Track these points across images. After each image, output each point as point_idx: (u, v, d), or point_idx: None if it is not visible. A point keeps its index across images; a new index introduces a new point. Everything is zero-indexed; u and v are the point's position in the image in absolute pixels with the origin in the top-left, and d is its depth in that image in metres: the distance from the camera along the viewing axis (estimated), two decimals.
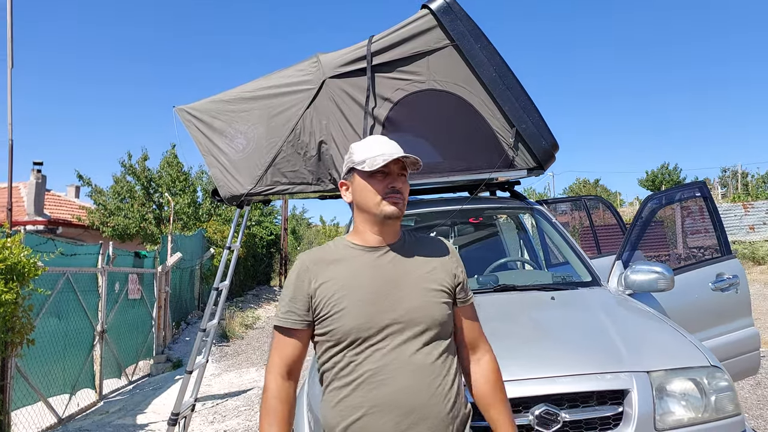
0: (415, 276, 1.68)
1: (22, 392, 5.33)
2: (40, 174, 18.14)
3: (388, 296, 1.62)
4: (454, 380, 1.65)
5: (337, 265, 1.69)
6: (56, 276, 6.05)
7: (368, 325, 1.59)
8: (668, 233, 14.69)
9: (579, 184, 47.24)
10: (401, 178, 1.71)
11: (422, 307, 1.63)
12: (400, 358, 1.58)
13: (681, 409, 2.26)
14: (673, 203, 4.29)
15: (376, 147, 1.73)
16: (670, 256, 13.87)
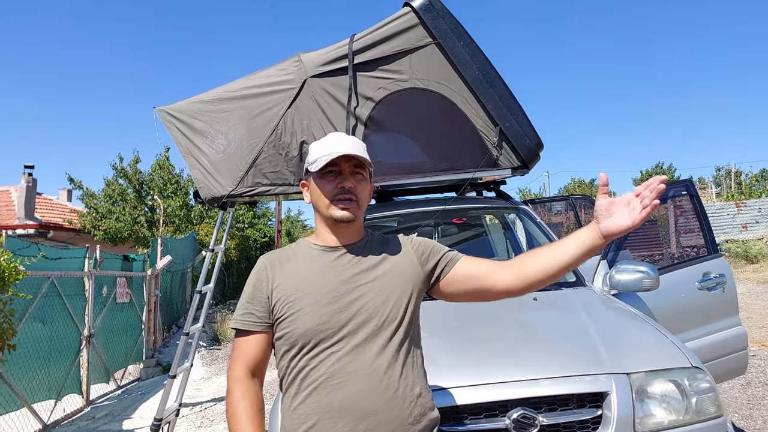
0: (373, 276, 1.61)
1: (5, 398, 5.26)
2: (31, 177, 18.00)
3: (344, 297, 1.57)
4: (415, 382, 1.57)
5: (296, 266, 1.66)
6: (40, 280, 5.98)
7: (323, 327, 1.54)
8: (662, 232, 14.70)
9: (574, 183, 47.28)
10: (354, 177, 1.63)
11: (379, 308, 1.56)
12: (356, 361, 1.52)
13: (661, 411, 2.22)
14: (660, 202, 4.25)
15: (329, 145, 1.64)
16: (663, 255, 13.86)
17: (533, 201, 5.05)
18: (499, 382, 2.18)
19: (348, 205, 1.61)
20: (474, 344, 2.48)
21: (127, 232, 16.65)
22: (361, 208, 1.65)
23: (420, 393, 1.58)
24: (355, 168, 1.64)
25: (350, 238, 1.68)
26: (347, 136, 1.72)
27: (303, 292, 1.59)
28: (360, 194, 1.64)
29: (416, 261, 1.68)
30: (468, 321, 2.79)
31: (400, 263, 1.66)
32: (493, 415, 2.14)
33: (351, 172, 1.63)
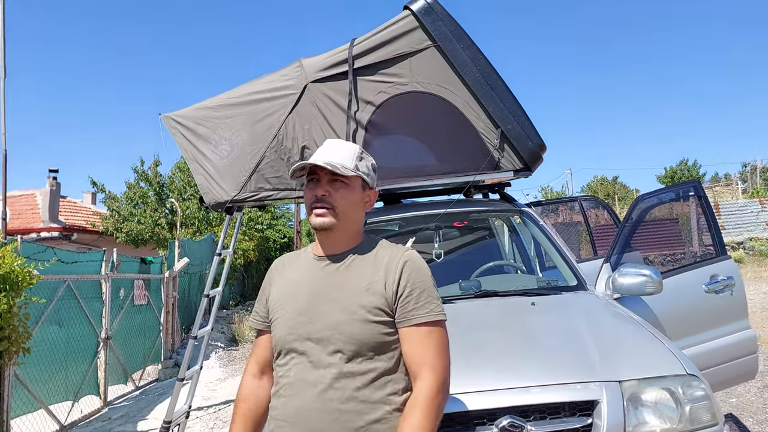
0: (349, 290, 1.57)
1: (22, 400, 5.37)
2: (55, 181, 18.36)
3: (313, 309, 1.57)
4: (375, 407, 1.50)
5: (291, 272, 1.71)
6: (56, 284, 6.09)
7: (292, 337, 1.58)
8: (684, 231, 14.40)
9: (597, 181, 46.79)
10: (332, 185, 1.61)
11: (342, 324, 1.52)
12: (312, 375, 1.52)
13: (654, 420, 2.18)
14: (665, 203, 4.18)
15: (318, 153, 1.68)
16: (685, 254, 13.58)
17: (539, 203, 4.99)
18: (487, 390, 2.16)
19: (322, 212, 1.60)
20: (466, 352, 2.46)
21: (149, 234, 16.91)
22: (339, 215, 1.61)
23: (380, 419, 1.49)
24: (334, 176, 1.62)
25: (335, 248, 1.66)
26: (336, 144, 1.71)
27: (286, 299, 1.64)
28: (337, 202, 1.61)
29: (392, 289, 1.56)
30: (463, 328, 2.76)
31: (380, 282, 1.57)
32: (481, 423, 2.12)
33: (328, 180, 1.62)
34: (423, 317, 1.55)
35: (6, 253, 4.33)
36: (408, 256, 1.62)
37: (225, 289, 15.05)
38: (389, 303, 1.55)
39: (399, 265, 1.59)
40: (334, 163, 1.60)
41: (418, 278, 1.58)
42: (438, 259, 3.73)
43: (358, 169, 1.65)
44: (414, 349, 1.53)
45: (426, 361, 1.52)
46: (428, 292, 1.58)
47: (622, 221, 3.71)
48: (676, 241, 13.81)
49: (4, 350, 4.53)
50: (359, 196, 1.67)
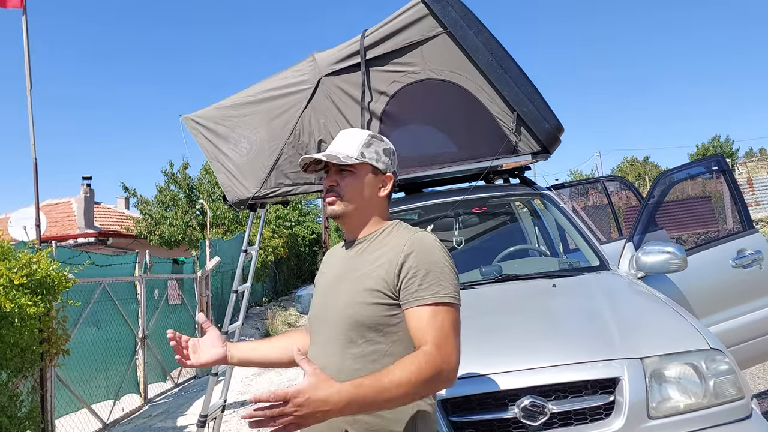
0: (357, 274, 1.60)
1: (65, 400, 5.56)
2: (89, 188, 18.87)
3: (329, 293, 1.65)
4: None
5: (328, 259, 1.83)
6: (92, 287, 6.27)
7: (313, 319, 1.68)
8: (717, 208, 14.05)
9: (627, 162, 45.92)
10: (338, 176, 1.66)
11: (347, 307, 1.56)
12: (320, 356, 1.58)
13: (678, 396, 2.17)
14: (689, 179, 4.10)
15: (329, 146, 1.74)
16: (719, 231, 13.27)
17: (561, 185, 4.94)
18: (508, 371, 2.18)
19: (331, 201, 1.66)
20: (486, 334, 2.48)
21: (181, 235, 17.24)
22: (347, 202, 1.64)
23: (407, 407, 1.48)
24: (341, 166, 1.65)
25: (354, 233, 1.70)
26: (345, 133, 1.72)
27: (319, 282, 1.78)
28: (344, 189, 1.64)
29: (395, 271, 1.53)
30: (484, 311, 2.79)
31: (386, 264, 1.55)
32: (502, 404, 2.14)
33: (336, 171, 1.67)
34: (427, 299, 1.48)
35: (41, 258, 4.47)
36: (416, 237, 1.57)
37: (257, 286, 15.39)
38: (390, 285, 1.52)
39: (404, 246, 1.55)
40: (334, 154, 1.63)
41: (424, 259, 1.52)
42: (459, 246, 3.74)
43: (363, 156, 1.65)
44: (417, 330, 1.48)
45: (430, 339, 1.44)
46: (435, 273, 1.51)
47: (645, 199, 3.66)
48: (709, 219, 13.51)
49: (45, 352, 4.69)
50: (369, 182, 1.66)
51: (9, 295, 3.88)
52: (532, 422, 2.10)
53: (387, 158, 1.70)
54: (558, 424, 2.10)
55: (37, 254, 4.41)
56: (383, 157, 1.69)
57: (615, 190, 10.74)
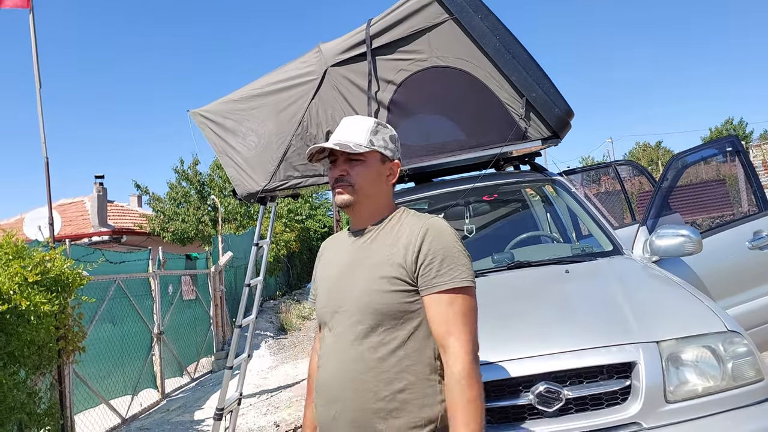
0: (371, 262, 1.59)
1: (83, 396, 5.62)
2: (101, 186, 19.02)
3: (341, 283, 1.63)
4: (398, 378, 1.50)
5: (332, 250, 1.80)
6: (107, 284, 6.33)
7: (324, 309, 1.65)
8: (732, 191, 13.89)
9: (639, 148, 45.46)
10: (347, 165, 1.63)
11: (363, 295, 1.55)
12: (337, 346, 1.57)
13: (695, 379, 2.14)
14: (703, 161, 4.03)
15: (334, 134, 1.71)
16: (734, 215, 13.11)
17: (573, 171, 4.89)
18: (522, 358, 2.16)
19: (341, 191, 1.63)
20: (500, 322, 2.46)
21: (193, 231, 17.35)
22: (358, 192, 1.62)
23: (404, 389, 1.50)
24: (348, 155, 1.63)
25: (363, 222, 1.68)
26: (351, 121, 1.71)
27: (323, 276, 1.74)
28: (355, 178, 1.62)
29: (412, 258, 1.54)
30: (497, 299, 2.77)
31: (401, 252, 1.56)
32: (516, 390, 2.13)
33: (345, 160, 1.64)
34: (445, 284, 1.51)
35: (55, 256, 4.51)
36: (430, 224, 1.58)
37: (271, 280, 15.45)
38: (409, 272, 1.54)
39: (419, 232, 1.57)
40: (345, 143, 1.61)
41: (440, 245, 1.54)
42: (470, 234, 3.71)
43: (372, 144, 1.64)
44: (437, 317, 1.51)
45: (450, 330, 1.48)
46: (451, 258, 1.53)
47: (658, 182, 3.61)
48: (724, 203, 13.37)
49: (62, 349, 4.73)
50: (378, 170, 1.66)
51: (24, 293, 3.91)
52: (548, 408, 2.08)
53: (393, 145, 1.71)
54: (574, 409, 2.09)
55: (51, 252, 4.44)
56: (390, 144, 1.70)
57: (628, 176, 10.64)
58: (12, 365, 3.94)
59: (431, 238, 1.55)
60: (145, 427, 6.06)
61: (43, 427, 4.40)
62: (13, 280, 3.91)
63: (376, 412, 1.48)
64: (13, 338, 3.87)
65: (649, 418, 2.05)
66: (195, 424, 6.08)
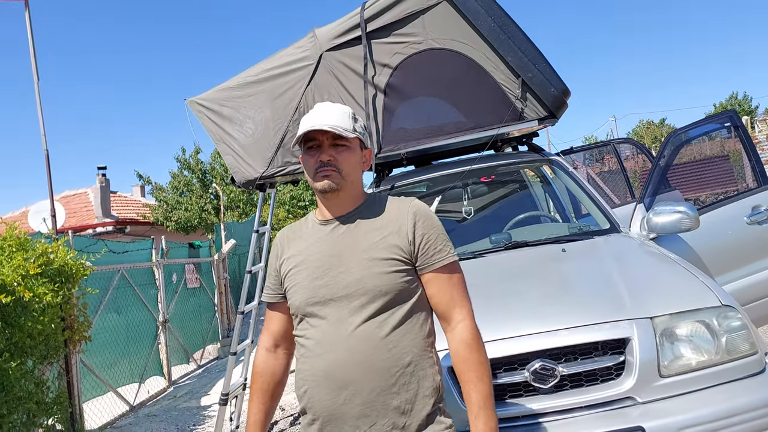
0: (361, 246, 1.61)
1: (91, 384, 5.70)
2: (104, 178, 19.05)
3: (331, 271, 1.60)
4: (404, 352, 1.55)
5: (299, 240, 1.74)
6: (111, 274, 6.38)
7: (313, 300, 1.61)
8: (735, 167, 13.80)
9: (643, 126, 45.19)
10: (335, 149, 1.63)
11: (363, 279, 1.56)
12: (339, 331, 1.56)
13: (690, 353, 2.16)
14: (701, 137, 4.03)
15: (307, 120, 1.66)
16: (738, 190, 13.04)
17: (571, 150, 4.88)
18: (518, 336, 2.18)
19: (329, 175, 1.61)
20: (495, 300, 2.48)
21: (196, 220, 17.40)
22: (345, 177, 1.63)
23: (410, 362, 1.55)
24: (335, 139, 1.63)
25: (342, 208, 1.68)
26: (329, 107, 1.69)
27: (300, 267, 1.67)
28: (342, 164, 1.63)
29: (407, 237, 1.61)
30: (493, 278, 2.79)
31: (394, 233, 1.62)
32: (512, 368, 2.15)
33: (330, 144, 1.63)
34: (443, 260, 1.63)
35: (57, 247, 4.54)
36: (416, 206, 1.68)
37: None
38: (406, 252, 1.60)
39: (409, 215, 1.65)
40: (337, 126, 1.61)
41: (431, 224, 1.65)
42: (468, 216, 3.73)
43: (356, 130, 1.67)
44: (441, 291, 1.63)
45: (455, 301, 1.62)
46: (442, 236, 1.66)
47: (655, 159, 3.61)
48: (728, 179, 13.31)
49: (68, 339, 4.79)
50: (359, 156, 1.70)
51: (27, 284, 3.95)
52: (543, 385, 2.11)
53: (366, 134, 1.77)
54: (569, 386, 2.12)
55: (54, 244, 4.47)
56: (365, 132, 1.76)
57: (631, 155, 10.60)
58: (19, 356, 3.99)
59: (423, 219, 1.65)
60: (152, 414, 6.14)
61: (51, 415, 4.47)
62: (17, 272, 3.95)
63: (389, 388, 1.52)
64: (18, 329, 3.91)
65: (643, 392, 2.07)
66: (202, 410, 6.16)
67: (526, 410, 2.11)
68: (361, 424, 1.52)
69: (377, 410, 1.52)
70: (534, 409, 2.11)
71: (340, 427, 1.55)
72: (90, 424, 5.36)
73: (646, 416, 2.01)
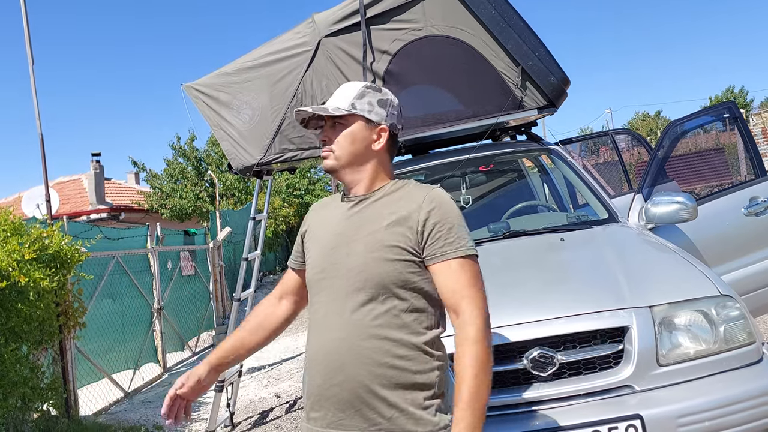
0: (369, 230, 1.56)
1: (86, 371, 5.68)
2: (98, 164, 18.94)
3: (337, 251, 1.57)
4: (397, 344, 1.49)
5: (323, 213, 1.72)
6: (106, 260, 6.35)
7: (319, 276, 1.59)
8: (730, 160, 13.87)
9: (638, 118, 45.22)
10: (331, 130, 1.62)
11: (363, 264, 1.52)
12: (334, 313, 1.54)
13: (688, 343, 2.17)
14: (699, 128, 4.03)
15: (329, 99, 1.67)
16: (733, 183, 13.11)
17: (569, 141, 4.87)
18: (517, 324, 2.18)
19: (325, 155, 1.63)
20: (495, 289, 2.46)
21: (191, 208, 17.35)
22: (339, 157, 1.61)
23: (402, 355, 1.49)
24: (333, 119, 1.62)
25: (359, 189, 1.64)
26: (342, 87, 1.68)
27: (316, 239, 1.67)
28: (335, 144, 1.61)
29: (416, 227, 1.53)
30: (493, 267, 2.77)
31: (403, 221, 1.54)
32: (511, 356, 2.16)
33: (330, 125, 1.63)
34: (455, 252, 1.51)
35: (52, 233, 4.52)
36: (434, 195, 1.57)
37: (270, 255, 15.50)
38: (413, 241, 1.52)
39: (424, 203, 1.55)
40: (324, 107, 1.60)
41: (445, 215, 1.54)
42: (466, 205, 3.72)
43: (354, 107, 1.59)
44: (448, 282, 1.51)
45: (464, 293, 1.50)
46: (458, 228, 1.54)
47: (654, 150, 3.61)
48: (723, 171, 13.37)
49: (63, 325, 4.77)
50: (360, 134, 1.61)
51: (23, 269, 3.93)
52: (542, 373, 2.12)
53: (382, 110, 1.63)
54: (567, 374, 2.12)
55: (49, 229, 4.45)
56: (377, 108, 1.62)
57: (626, 147, 10.63)
58: (14, 341, 3.97)
59: (437, 209, 1.54)
60: (147, 400, 6.14)
61: (46, 401, 4.47)
62: (12, 257, 3.93)
63: (375, 379, 1.47)
64: (13, 314, 3.90)
65: (642, 380, 2.08)
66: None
67: (525, 398, 2.12)
68: (346, 409, 1.49)
69: (362, 399, 1.48)
70: (532, 396, 2.11)
71: (326, 410, 1.52)
72: (85, 409, 5.35)
73: (644, 404, 2.02)
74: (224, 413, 4.96)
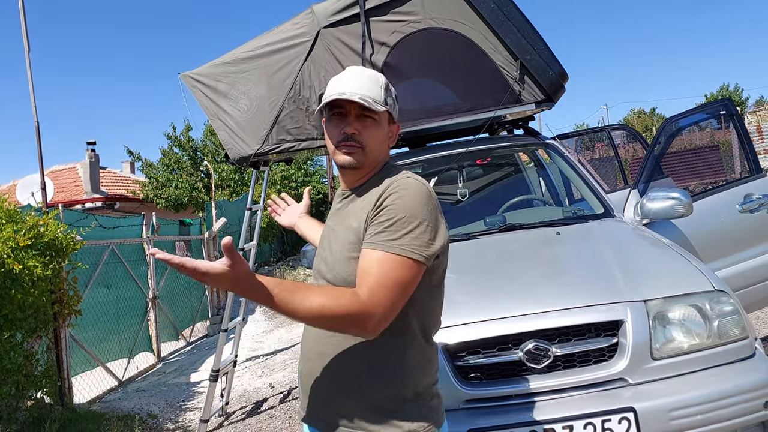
0: (344, 226, 1.50)
1: (80, 359, 5.68)
2: (93, 153, 18.83)
3: (324, 245, 1.58)
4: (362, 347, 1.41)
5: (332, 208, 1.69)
6: (101, 248, 6.33)
7: (314, 273, 1.61)
8: (725, 157, 13.92)
9: (634, 114, 45.27)
10: (361, 122, 1.46)
11: (334, 262, 1.48)
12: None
13: (681, 337, 2.19)
14: (695, 124, 4.04)
15: (343, 83, 1.49)
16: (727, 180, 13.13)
17: (566, 135, 4.87)
18: (512, 316, 2.20)
19: (351, 150, 1.47)
20: (492, 281, 2.50)
21: (187, 198, 17.29)
22: (368, 154, 1.48)
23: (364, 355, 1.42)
24: (363, 111, 1.46)
25: (354, 183, 1.56)
26: (360, 72, 1.52)
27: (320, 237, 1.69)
28: (366, 140, 1.46)
29: (370, 218, 1.41)
30: (488, 259, 2.80)
31: (361, 217, 1.44)
32: (507, 348, 2.17)
33: (357, 116, 1.46)
34: (381, 245, 1.34)
35: (47, 221, 4.50)
36: (401, 179, 1.43)
37: (266, 246, 15.48)
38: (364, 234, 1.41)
39: (386, 188, 1.42)
40: (367, 98, 1.44)
41: (397, 204, 1.36)
42: (463, 198, 3.73)
43: (386, 103, 1.49)
44: (362, 270, 1.34)
45: (367, 284, 1.30)
46: (405, 221, 1.34)
47: (650, 146, 3.62)
48: (718, 169, 13.41)
49: (57, 312, 4.76)
50: (386, 131, 1.53)
51: (18, 257, 3.91)
52: (536, 365, 2.13)
53: (397, 107, 1.58)
54: (561, 366, 2.14)
55: (44, 217, 4.43)
56: (396, 105, 1.57)
57: (622, 143, 10.64)
58: (8, 328, 3.97)
59: (393, 194, 1.39)
60: (141, 389, 6.14)
61: (40, 388, 4.47)
62: (7, 244, 3.91)
63: (331, 378, 1.45)
64: (7, 301, 3.88)
65: (635, 374, 2.10)
66: (191, 386, 6.17)
67: (519, 389, 2.13)
68: (326, 399, 1.47)
69: (334, 391, 1.45)
70: (527, 388, 2.13)
71: (306, 399, 1.52)
72: (79, 398, 5.35)
73: (637, 397, 2.04)
74: (218, 403, 4.97)
